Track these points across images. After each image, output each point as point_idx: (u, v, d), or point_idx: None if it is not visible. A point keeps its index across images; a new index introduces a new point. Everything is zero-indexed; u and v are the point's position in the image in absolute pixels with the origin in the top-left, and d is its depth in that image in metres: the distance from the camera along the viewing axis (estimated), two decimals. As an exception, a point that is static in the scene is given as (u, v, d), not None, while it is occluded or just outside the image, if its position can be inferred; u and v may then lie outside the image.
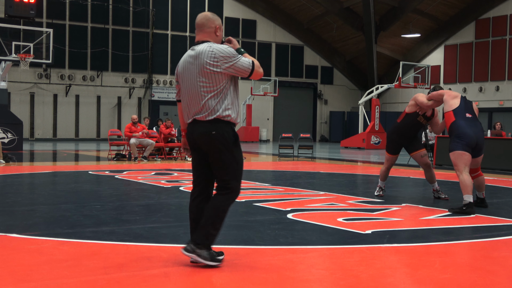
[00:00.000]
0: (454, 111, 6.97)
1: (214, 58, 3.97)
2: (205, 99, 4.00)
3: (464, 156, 6.74)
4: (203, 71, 4.00)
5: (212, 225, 3.96)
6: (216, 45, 4.06)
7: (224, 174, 4.02)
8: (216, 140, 3.97)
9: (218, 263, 4.00)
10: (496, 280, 3.85)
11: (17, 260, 4.11)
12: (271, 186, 9.32)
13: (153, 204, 7.13)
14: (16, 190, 8.46)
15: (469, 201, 6.61)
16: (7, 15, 18.32)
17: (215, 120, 3.97)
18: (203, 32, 4.16)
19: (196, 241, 3.97)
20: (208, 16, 4.18)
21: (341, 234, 5.29)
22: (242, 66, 3.99)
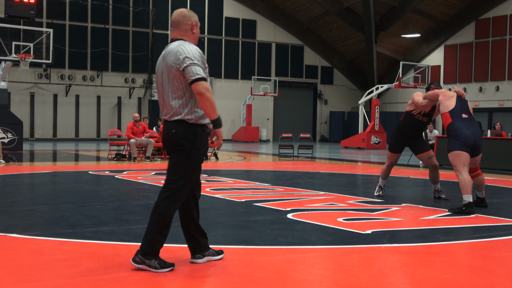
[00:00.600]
0: (451, 112, 6.99)
1: (177, 58, 3.85)
2: (170, 99, 3.91)
3: (462, 156, 6.75)
4: (168, 70, 3.91)
5: (157, 231, 3.85)
6: (185, 45, 3.91)
7: (172, 174, 3.90)
8: (175, 138, 3.87)
9: (170, 268, 3.87)
10: (496, 280, 3.85)
11: (17, 260, 4.11)
12: (271, 186, 9.32)
13: (153, 204, 7.10)
14: (16, 190, 8.45)
15: (469, 201, 6.62)
16: (7, 15, 18.32)
17: (178, 121, 3.87)
18: (178, 30, 4.04)
19: (143, 251, 3.84)
20: (184, 13, 4.05)
21: (341, 234, 5.29)
22: (191, 71, 3.80)
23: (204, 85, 3.79)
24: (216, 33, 33.09)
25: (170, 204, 3.86)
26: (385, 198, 7.91)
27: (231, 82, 33.55)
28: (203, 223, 5.74)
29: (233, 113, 33.39)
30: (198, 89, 3.78)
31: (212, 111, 3.81)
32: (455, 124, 6.89)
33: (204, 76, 3.83)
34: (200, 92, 3.77)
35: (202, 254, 4.11)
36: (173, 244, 4.73)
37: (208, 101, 3.78)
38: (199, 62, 3.85)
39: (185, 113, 3.87)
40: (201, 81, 3.79)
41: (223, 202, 7.41)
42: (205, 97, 3.77)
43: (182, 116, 3.87)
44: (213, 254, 4.17)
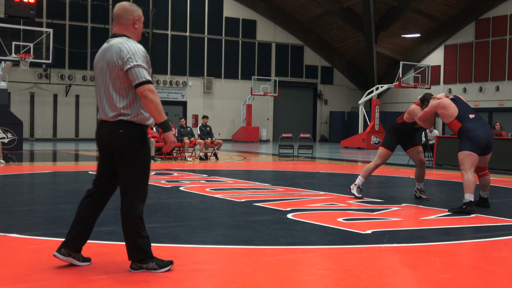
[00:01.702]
0: (458, 118, 6.89)
1: (121, 57, 3.73)
2: (114, 99, 3.78)
3: (472, 156, 6.71)
4: (110, 68, 3.77)
5: (137, 236, 3.78)
6: (128, 43, 3.80)
7: (129, 175, 3.80)
8: (123, 140, 3.76)
9: (169, 266, 3.87)
10: (496, 280, 3.85)
11: (17, 260, 4.11)
12: (271, 186, 9.32)
13: (153, 204, 7.12)
14: (16, 190, 8.45)
15: (470, 200, 6.60)
16: (7, 15, 18.31)
17: (121, 121, 3.76)
18: (119, 25, 3.91)
19: (137, 259, 3.81)
20: (125, 7, 3.90)
21: (341, 234, 5.29)
22: (135, 74, 3.69)
23: (149, 88, 3.68)
24: (216, 33, 33.09)
25: (138, 205, 3.81)
26: (385, 198, 7.91)
27: (231, 82, 33.54)
28: (203, 223, 5.75)
29: (233, 113, 33.39)
30: (142, 92, 3.68)
31: (157, 114, 3.71)
32: (466, 126, 6.80)
33: (150, 79, 3.72)
34: (144, 95, 3.67)
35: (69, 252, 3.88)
36: (173, 244, 4.73)
37: (152, 103, 3.68)
38: (143, 63, 3.73)
39: (131, 114, 3.76)
40: (146, 84, 3.68)
41: (223, 202, 7.41)
42: (150, 99, 3.67)
43: (129, 117, 3.76)
44: (79, 260, 3.96)
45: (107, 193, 3.99)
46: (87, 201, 3.94)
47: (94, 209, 3.94)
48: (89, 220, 3.93)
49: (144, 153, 3.82)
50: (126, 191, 3.81)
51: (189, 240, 4.93)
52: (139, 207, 3.81)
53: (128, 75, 3.72)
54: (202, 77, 32.55)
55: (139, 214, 3.81)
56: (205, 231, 5.31)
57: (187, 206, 7.06)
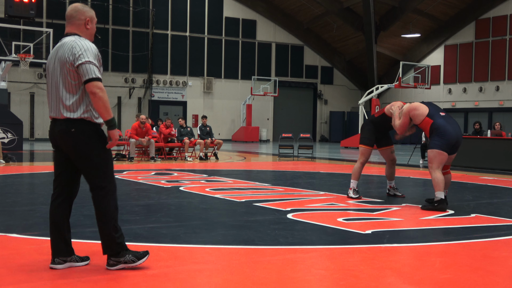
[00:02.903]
0: (429, 115, 7.06)
1: (73, 53, 3.75)
2: (63, 96, 3.79)
3: (442, 156, 6.90)
4: (61, 65, 3.79)
5: (113, 229, 3.80)
6: (81, 40, 3.82)
7: (93, 174, 3.83)
8: (77, 139, 3.77)
9: (146, 257, 3.88)
10: (496, 280, 3.85)
11: (17, 260, 4.11)
12: (271, 186, 9.31)
13: (153, 204, 7.13)
14: (16, 190, 8.45)
15: (441, 198, 6.80)
16: (7, 15, 18.32)
17: (75, 119, 3.76)
18: (71, 25, 3.94)
19: (114, 252, 3.81)
20: (77, 8, 3.95)
21: (341, 234, 5.29)
22: (85, 70, 3.70)
23: (97, 85, 3.70)
24: (216, 33, 33.09)
25: (109, 201, 3.83)
26: (385, 198, 7.91)
27: (231, 82, 33.55)
28: (203, 223, 5.75)
29: (233, 113, 33.39)
30: (91, 89, 3.70)
31: (105, 111, 3.73)
32: (437, 122, 6.98)
33: (99, 76, 3.74)
34: (93, 92, 3.70)
35: (64, 259, 3.88)
36: (173, 244, 4.73)
37: (100, 100, 3.70)
38: (94, 60, 3.75)
39: (81, 111, 3.77)
40: (95, 81, 3.70)
41: (223, 202, 7.41)
42: (98, 97, 3.69)
43: (79, 115, 3.77)
44: (77, 260, 3.95)
45: (70, 191, 3.98)
46: (53, 207, 3.93)
47: (62, 211, 3.93)
48: (62, 222, 3.91)
49: (100, 148, 3.82)
50: (95, 188, 3.85)
51: (189, 240, 4.93)
52: (111, 198, 3.84)
53: (78, 71, 3.74)
54: (202, 77, 32.55)
55: (114, 208, 3.84)
56: (205, 231, 5.31)
57: (187, 206, 7.06)
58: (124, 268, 3.84)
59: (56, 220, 3.90)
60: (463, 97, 31.43)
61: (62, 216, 3.92)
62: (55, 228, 3.89)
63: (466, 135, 16.99)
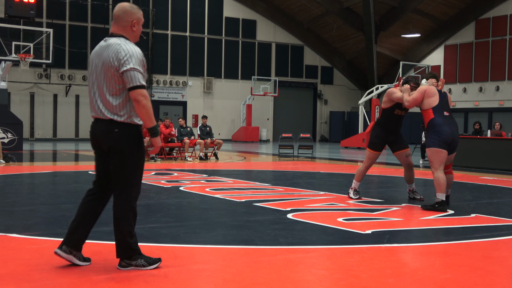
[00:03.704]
0: (434, 109, 7.10)
1: (118, 58, 3.75)
2: (108, 98, 3.81)
3: (441, 154, 6.90)
4: (106, 68, 3.80)
5: (129, 235, 3.84)
6: (127, 44, 3.82)
7: (122, 175, 3.83)
8: (118, 140, 3.79)
9: (157, 264, 3.91)
10: (496, 280, 3.85)
11: (17, 260, 4.11)
12: (271, 186, 9.31)
13: (153, 204, 7.13)
14: (16, 190, 8.45)
15: (442, 199, 6.79)
16: (7, 15, 18.31)
17: (115, 121, 3.80)
18: (117, 25, 3.92)
19: (126, 256, 3.85)
20: (125, 8, 3.91)
21: (341, 234, 5.29)
22: (130, 77, 3.72)
23: (142, 93, 3.72)
24: (216, 33, 33.08)
25: (129, 205, 3.85)
26: (385, 198, 7.91)
27: (231, 82, 33.54)
28: (203, 223, 5.75)
29: (233, 113, 33.38)
30: (135, 96, 3.72)
31: (148, 119, 3.75)
32: (436, 120, 7.03)
33: (144, 84, 3.75)
34: (137, 99, 3.71)
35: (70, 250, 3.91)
36: (173, 244, 4.73)
37: (144, 108, 3.71)
38: (139, 67, 3.76)
39: (123, 114, 3.80)
40: (139, 89, 3.72)
41: (223, 202, 7.41)
42: (142, 104, 3.71)
43: (125, 119, 3.80)
44: (79, 259, 3.97)
45: (106, 192, 4.02)
46: (87, 200, 3.98)
47: (94, 208, 3.97)
48: (89, 219, 3.96)
49: (138, 152, 3.84)
50: (120, 189, 3.85)
51: (189, 240, 4.93)
52: (132, 205, 3.85)
53: (123, 77, 3.74)
54: (202, 77, 32.54)
55: (133, 211, 3.86)
56: (205, 231, 5.31)
57: (187, 206, 7.06)
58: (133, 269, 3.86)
59: (85, 215, 3.94)
60: (463, 97, 31.43)
61: (92, 214, 3.96)
62: (80, 221, 3.93)
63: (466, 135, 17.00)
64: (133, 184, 3.85)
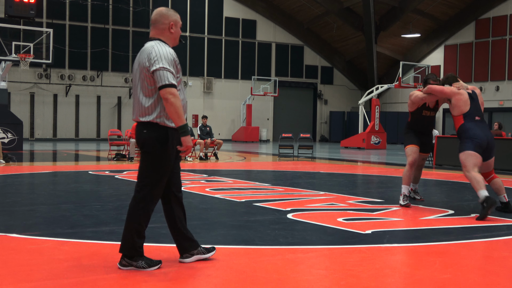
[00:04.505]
0: (464, 115, 6.82)
1: (149, 59, 3.82)
2: (141, 99, 3.88)
3: (474, 156, 6.55)
4: (140, 69, 3.89)
5: (137, 233, 3.86)
6: (159, 46, 3.87)
7: (144, 175, 3.90)
8: (146, 140, 3.87)
9: (157, 266, 3.91)
10: (496, 280, 3.85)
11: (17, 260, 4.11)
12: (271, 186, 9.31)
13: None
14: (16, 190, 8.45)
15: (485, 195, 6.25)
16: (7, 15, 18.32)
17: (149, 122, 3.86)
18: (155, 29, 3.99)
19: (129, 255, 3.87)
20: (161, 12, 3.99)
21: (341, 234, 5.29)
22: (159, 76, 3.77)
23: (171, 91, 3.75)
24: (216, 33, 33.09)
25: (146, 206, 3.89)
26: (385, 198, 7.91)
27: (231, 82, 33.55)
28: (203, 223, 5.75)
29: (233, 113, 33.38)
30: (163, 94, 3.76)
31: (177, 117, 3.77)
32: (466, 124, 6.74)
33: (172, 83, 3.77)
34: (166, 98, 3.75)
35: (191, 253, 4.09)
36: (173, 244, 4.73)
37: (172, 106, 3.74)
38: (170, 66, 3.80)
39: (155, 115, 3.84)
40: (169, 87, 3.75)
41: (223, 202, 7.41)
42: (170, 102, 3.74)
43: (153, 118, 3.84)
44: (203, 252, 4.13)
45: (175, 191, 4.14)
46: (164, 208, 4.15)
47: (168, 213, 4.11)
48: (173, 223, 4.09)
49: (162, 154, 3.87)
50: (139, 188, 3.92)
51: (189, 240, 4.92)
52: (146, 206, 3.89)
53: (153, 77, 3.81)
54: (202, 77, 32.55)
55: (146, 213, 3.89)
56: (205, 231, 5.31)
57: (187, 206, 7.01)
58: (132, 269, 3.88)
59: (169, 223, 4.09)
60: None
61: (170, 218, 4.09)
62: (170, 229, 4.10)
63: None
64: (151, 186, 3.88)
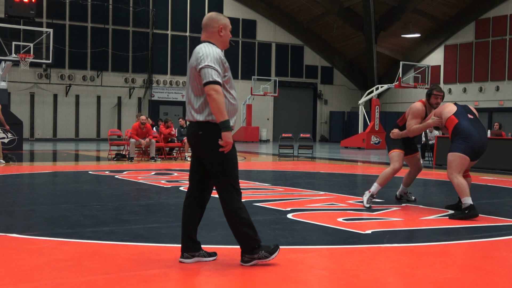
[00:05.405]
0: (456, 114, 6.61)
1: (197, 58, 3.95)
2: (193, 99, 3.98)
3: (464, 160, 6.40)
4: (190, 70, 4.02)
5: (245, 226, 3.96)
6: (206, 46, 3.98)
7: (217, 173, 3.97)
8: (204, 141, 3.93)
9: (277, 251, 4.07)
10: (496, 280, 3.85)
11: (17, 260, 4.11)
12: (271, 186, 9.31)
13: (153, 204, 7.13)
14: (16, 190, 8.45)
15: (470, 204, 6.25)
16: (7, 15, 18.33)
17: (203, 122, 3.93)
18: (206, 32, 4.14)
19: (248, 250, 3.98)
20: (211, 16, 4.16)
21: (341, 234, 5.29)
22: (204, 74, 3.86)
23: (214, 87, 3.83)
24: (216, 33, 33.05)
25: (233, 200, 3.97)
26: (385, 198, 7.91)
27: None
28: (203, 223, 5.74)
29: (233, 113, 33.34)
30: (207, 91, 3.85)
31: (218, 113, 3.83)
32: (462, 123, 6.50)
33: (216, 80, 3.85)
34: (208, 93, 3.84)
35: (192, 254, 4.11)
36: (173, 244, 4.73)
37: (215, 102, 3.82)
38: (215, 65, 3.89)
39: (206, 113, 3.93)
40: (212, 84, 3.83)
41: (223, 202, 7.39)
42: (212, 98, 3.82)
43: (205, 117, 3.93)
44: (204, 256, 4.15)
45: (202, 191, 4.16)
46: (187, 202, 4.17)
47: (191, 210, 4.14)
48: (189, 221, 4.12)
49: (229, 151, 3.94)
50: (219, 187, 3.99)
51: (189, 240, 4.92)
52: (236, 199, 3.97)
53: (200, 75, 3.91)
54: (202, 77, 32.53)
55: (240, 206, 3.97)
56: (205, 231, 5.31)
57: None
58: (257, 264, 4.00)
59: (185, 218, 4.12)
60: (463, 97, 31.42)
61: (189, 215, 4.12)
62: (183, 225, 4.11)
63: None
64: (229, 182, 3.96)
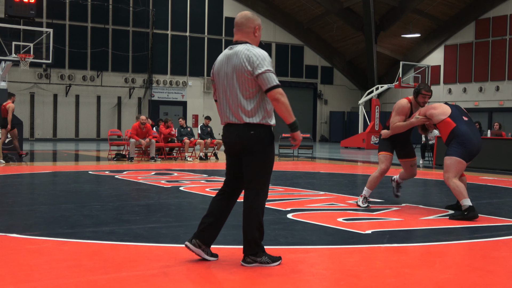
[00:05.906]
0: (451, 116, 6.48)
1: (251, 62, 3.92)
2: (242, 102, 3.97)
3: (461, 164, 6.35)
4: (238, 73, 3.96)
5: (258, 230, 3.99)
6: (255, 49, 3.99)
7: (254, 173, 4.00)
8: (255, 141, 3.97)
9: (279, 261, 4.08)
10: (496, 280, 3.85)
11: (17, 260, 4.11)
12: (271, 186, 9.29)
13: (153, 204, 7.13)
14: (16, 190, 8.45)
15: (469, 205, 6.21)
16: (7, 15, 18.31)
17: (250, 123, 3.97)
18: (241, 32, 4.11)
19: (252, 253, 4.01)
20: (247, 16, 4.13)
21: (341, 234, 5.29)
22: (266, 79, 3.89)
23: (279, 91, 3.90)
24: (216, 33, 33.08)
25: (260, 202, 4.01)
26: (385, 198, 7.91)
27: (231, 82, 33.52)
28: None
29: (233, 113, 33.35)
30: (274, 96, 3.89)
31: (288, 115, 3.95)
32: (460, 128, 6.39)
33: (279, 83, 3.93)
34: (276, 98, 3.89)
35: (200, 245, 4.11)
36: (173, 244, 4.73)
37: (283, 105, 3.91)
38: (272, 68, 3.94)
39: (261, 116, 3.98)
40: (277, 88, 3.90)
41: (223, 202, 7.39)
42: (281, 102, 3.89)
43: (260, 120, 3.97)
44: (207, 254, 4.16)
45: (236, 190, 4.21)
46: (217, 199, 4.20)
47: (223, 208, 4.17)
48: (219, 217, 4.15)
49: (271, 152, 4.04)
50: (251, 187, 4.02)
51: (189, 240, 4.92)
52: (261, 202, 4.02)
53: (258, 80, 3.92)
54: (202, 77, 32.55)
55: (261, 209, 4.02)
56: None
57: (187, 206, 7.06)
58: (256, 266, 4.02)
59: (215, 213, 4.15)
60: (463, 97, 31.43)
61: (221, 212, 4.15)
62: (210, 217, 4.14)
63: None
64: (262, 184, 4.03)
